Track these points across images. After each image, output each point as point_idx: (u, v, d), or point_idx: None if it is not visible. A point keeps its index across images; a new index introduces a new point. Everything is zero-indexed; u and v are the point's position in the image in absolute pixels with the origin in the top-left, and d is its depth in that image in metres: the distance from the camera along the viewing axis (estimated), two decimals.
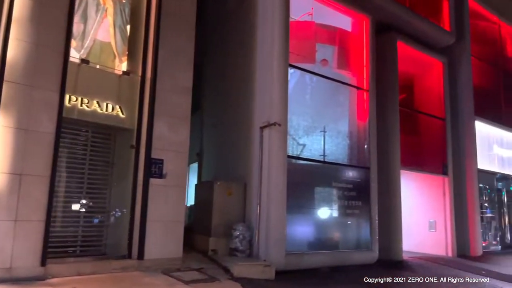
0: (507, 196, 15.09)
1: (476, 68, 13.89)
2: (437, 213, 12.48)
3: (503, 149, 14.35)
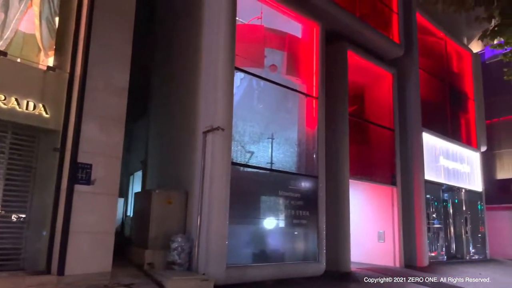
0: (453, 208, 15.45)
1: (424, 81, 14.22)
2: (386, 223, 12.48)
3: (449, 161, 14.70)
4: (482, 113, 17.57)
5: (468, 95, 16.86)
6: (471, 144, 16.42)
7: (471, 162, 16.10)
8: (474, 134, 16.69)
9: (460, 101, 16.42)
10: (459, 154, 15.35)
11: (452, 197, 15.49)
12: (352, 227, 12.65)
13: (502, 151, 23.02)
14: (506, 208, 22.50)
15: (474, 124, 16.78)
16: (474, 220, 16.05)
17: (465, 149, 15.77)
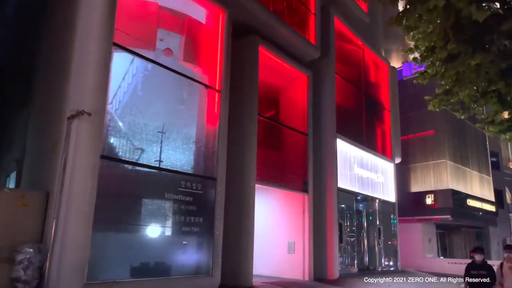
0: (367, 218, 15.17)
1: (341, 87, 13.87)
2: (296, 233, 11.71)
3: (363, 170, 14.43)
4: (397, 125, 17.77)
5: (384, 106, 16.93)
6: (386, 154, 16.42)
7: (386, 172, 16.04)
8: (389, 145, 16.73)
9: (376, 111, 16.40)
10: (373, 164, 15.18)
11: (366, 207, 15.23)
12: (260, 237, 11.73)
13: (416, 165, 23.76)
14: (418, 220, 23.12)
15: (390, 135, 16.84)
16: (387, 231, 15.93)
17: (380, 159, 15.67)
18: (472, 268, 6.99)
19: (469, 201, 23.51)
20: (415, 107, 24.28)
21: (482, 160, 26.16)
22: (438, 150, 22.94)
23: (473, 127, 26.11)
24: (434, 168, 22.96)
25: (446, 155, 22.61)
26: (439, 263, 22.34)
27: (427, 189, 23.04)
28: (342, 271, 12.60)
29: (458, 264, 22.08)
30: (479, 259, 7.02)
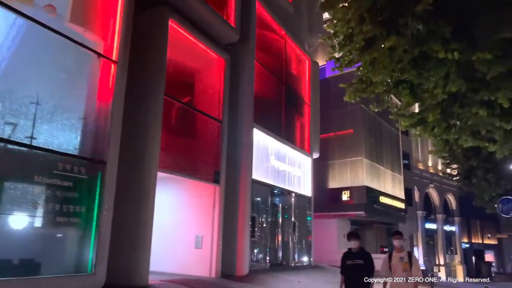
0: (282, 212, 14.80)
1: (261, 75, 13.32)
2: (205, 227, 10.87)
3: (281, 162, 14.00)
4: (317, 120, 17.69)
5: (305, 100, 16.73)
6: (304, 148, 16.21)
7: (303, 166, 15.82)
8: (308, 139, 16.56)
9: (296, 104, 16.12)
10: (291, 157, 14.84)
11: (282, 201, 14.86)
12: (166, 231, 10.79)
13: (334, 161, 24.19)
14: (334, 216, 23.54)
15: (309, 129, 16.66)
16: (302, 226, 15.71)
17: (298, 153, 15.39)
18: (347, 257, 6.05)
19: (382, 198, 24.46)
20: (337, 106, 24.75)
21: (395, 159, 27.45)
22: (355, 148, 23.55)
23: (389, 128, 27.30)
24: (351, 165, 23.51)
25: (362, 153, 23.27)
26: None
27: (344, 185, 23.55)
28: (253, 266, 12.03)
29: None
30: (355, 246, 6.08)
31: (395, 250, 6.26)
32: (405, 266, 5.95)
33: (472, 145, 9.92)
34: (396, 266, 6.01)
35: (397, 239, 6.32)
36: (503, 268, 44.98)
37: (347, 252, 6.15)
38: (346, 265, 5.99)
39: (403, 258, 6.05)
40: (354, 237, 6.19)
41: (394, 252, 6.25)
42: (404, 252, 6.16)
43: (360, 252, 6.11)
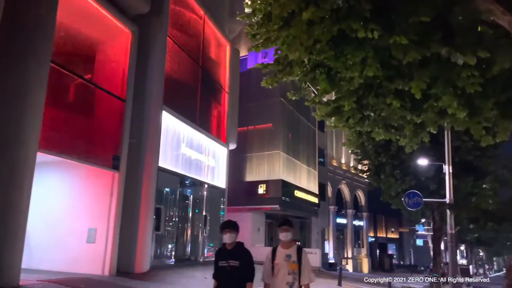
0: (193, 204, 13.87)
1: (174, 54, 12.23)
2: (100, 219, 9.57)
3: (193, 150, 13.03)
4: (235, 110, 17.01)
5: (223, 87, 15.92)
6: (221, 138, 15.42)
7: (218, 156, 15.01)
8: (224, 128, 15.79)
9: (213, 90, 15.26)
10: (205, 145, 13.96)
11: (194, 192, 13.94)
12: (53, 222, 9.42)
13: (252, 154, 23.82)
14: (249, 209, 23.18)
15: (226, 118, 15.89)
16: (214, 219, 14.91)
17: (213, 141, 14.54)
18: (220, 256, 4.45)
19: (297, 192, 24.65)
20: (257, 99, 24.40)
21: (311, 155, 27.91)
22: (273, 142, 23.40)
23: (306, 124, 27.65)
24: (268, 158, 23.31)
25: (280, 146, 23.17)
26: (264, 252, 22.72)
27: (261, 178, 23.28)
28: (155, 263, 10.97)
29: None
30: (229, 242, 4.42)
31: (281, 245, 4.53)
32: (292, 266, 4.37)
33: (384, 138, 9.88)
34: (281, 266, 4.39)
35: (285, 231, 4.50)
36: (403, 260, 48.66)
37: (220, 250, 4.56)
38: (218, 267, 4.41)
39: (290, 256, 4.39)
40: (230, 229, 4.44)
41: (280, 247, 4.52)
42: (292, 248, 4.46)
43: (236, 250, 4.43)
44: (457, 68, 6.80)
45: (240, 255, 4.37)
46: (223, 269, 4.33)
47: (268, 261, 4.49)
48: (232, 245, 4.42)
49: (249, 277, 4.34)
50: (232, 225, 4.48)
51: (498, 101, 8.14)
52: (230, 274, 4.30)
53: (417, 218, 26.35)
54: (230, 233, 4.39)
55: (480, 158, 17.93)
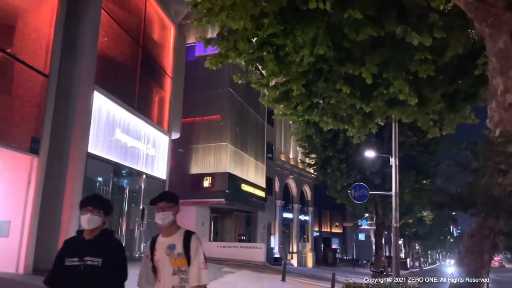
0: (130, 195, 12.80)
1: (110, 30, 11.08)
2: (15, 210, 8.34)
3: (130, 137, 11.95)
4: (179, 97, 16.03)
5: (166, 71, 14.87)
6: (162, 125, 14.40)
7: (159, 145, 13.99)
8: (167, 116, 14.77)
9: (154, 74, 14.19)
10: (145, 132, 12.91)
11: (130, 182, 12.86)
12: None
13: (199, 146, 22.90)
14: (194, 203, 22.27)
15: (169, 105, 14.88)
16: (153, 212, 13.86)
17: (153, 129, 13.50)
18: (69, 251, 2.80)
19: (244, 186, 24.07)
20: (206, 88, 23.49)
21: (259, 148, 27.46)
22: (221, 134, 22.64)
23: (255, 117, 27.13)
24: (215, 150, 22.53)
25: (228, 138, 22.46)
26: (208, 247, 21.99)
27: (206, 171, 22.44)
28: None
29: (226, 248, 22.22)
30: (88, 226, 2.80)
31: (162, 232, 3.04)
32: (178, 262, 2.92)
33: (332, 127, 9.51)
34: (163, 263, 2.93)
35: (161, 210, 2.97)
36: (345, 254, 49.90)
37: (71, 241, 2.90)
38: (61, 266, 2.73)
39: (174, 246, 2.94)
40: (94, 205, 2.84)
41: (160, 236, 3.04)
42: (176, 236, 2.98)
43: (99, 241, 2.82)
44: (410, 51, 6.46)
45: (104, 248, 2.76)
46: (72, 270, 2.67)
47: (146, 259, 3.00)
48: (93, 233, 2.78)
49: (118, 284, 2.81)
50: (96, 200, 2.89)
51: (446, 92, 7.97)
52: (84, 278, 2.66)
53: (361, 212, 26.85)
54: (92, 213, 2.75)
55: (423, 154, 18.35)
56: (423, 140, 17.86)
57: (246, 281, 11.72)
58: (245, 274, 13.28)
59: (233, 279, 11.64)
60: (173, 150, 23.16)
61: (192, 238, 2.95)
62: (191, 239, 2.94)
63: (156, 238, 3.04)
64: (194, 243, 2.94)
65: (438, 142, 18.87)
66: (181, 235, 2.97)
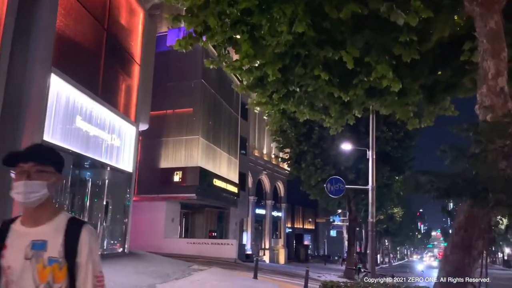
0: (92, 189, 11.94)
1: (71, 9, 10.18)
2: None
3: (91, 125, 11.10)
4: (148, 86, 15.22)
5: (134, 58, 14.03)
6: (129, 115, 13.57)
7: (125, 136, 13.16)
8: (134, 105, 13.94)
9: (121, 60, 13.33)
10: (109, 122, 12.07)
11: (93, 175, 12.01)
12: None
13: (169, 139, 22.09)
14: (163, 198, 21.47)
15: (136, 94, 14.05)
16: (117, 207, 13.09)
17: (119, 118, 12.67)
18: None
19: (216, 181, 23.42)
20: (177, 80, 22.66)
21: (232, 143, 26.84)
22: (193, 127, 21.90)
23: (229, 110, 26.49)
24: (187, 144, 21.77)
25: (199, 132, 21.74)
26: (179, 244, 21.25)
27: (177, 165, 21.65)
28: None
29: (196, 244, 21.53)
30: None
31: (23, 217, 1.63)
32: (49, 273, 1.56)
33: (309, 117, 9.05)
34: (19, 272, 1.56)
35: (26, 176, 1.54)
36: (317, 250, 50.02)
37: None
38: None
39: (43, 246, 1.57)
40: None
41: (18, 224, 1.63)
42: (50, 226, 1.61)
43: None
44: (394, 32, 6.04)
45: None
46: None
47: None
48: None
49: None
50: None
51: (425, 83, 7.62)
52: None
53: (333, 208, 26.69)
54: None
55: (397, 149, 18.24)
56: (397, 136, 17.74)
57: (216, 279, 11.14)
58: (215, 272, 12.69)
59: (202, 277, 11.03)
60: (142, 142, 22.31)
61: (82, 232, 1.62)
62: (80, 233, 1.61)
63: (10, 225, 1.64)
64: (85, 241, 1.61)
65: (412, 138, 18.86)
66: (59, 225, 1.61)
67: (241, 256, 21.66)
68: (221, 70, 26.79)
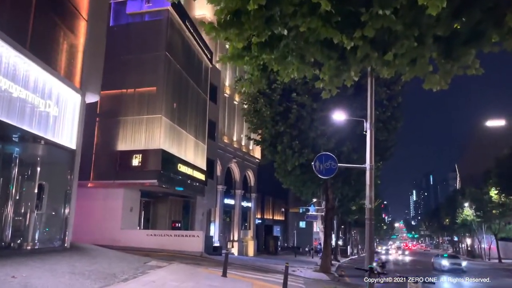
0: (20, 168, 9.48)
1: None
2: None
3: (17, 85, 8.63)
4: (99, 49, 12.67)
5: (80, 12, 11.52)
6: (72, 79, 11.10)
7: (65, 104, 10.70)
8: (79, 68, 11.46)
9: (61, 10, 10.85)
10: (43, 84, 9.61)
11: (21, 150, 9.54)
12: None
13: (127, 118, 19.59)
14: (120, 185, 19.00)
15: (83, 55, 11.57)
16: (56, 191, 10.66)
17: (56, 80, 10.20)
18: None
19: (181, 167, 21.09)
20: (138, 52, 20.16)
21: (200, 126, 24.56)
22: (155, 105, 19.46)
23: (197, 90, 24.12)
24: (148, 123, 19.34)
25: (162, 110, 19.33)
26: (137, 236, 18.88)
27: (137, 148, 19.19)
28: None
29: (158, 236, 19.24)
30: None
31: None
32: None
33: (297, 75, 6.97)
34: None
35: None
36: (287, 242, 48.61)
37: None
38: None
39: None
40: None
41: None
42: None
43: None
44: None
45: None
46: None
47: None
48: None
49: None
50: None
51: (444, 34, 5.75)
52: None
53: (308, 197, 24.99)
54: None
55: (381, 131, 16.60)
56: (383, 116, 16.08)
57: (176, 280, 9.03)
58: (176, 269, 10.57)
59: (159, 277, 8.89)
60: (99, 122, 19.72)
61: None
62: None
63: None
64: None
65: (398, 120, 17.29)
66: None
67: (208, 249, 19.56)
68: (189, 47, 24.29)
